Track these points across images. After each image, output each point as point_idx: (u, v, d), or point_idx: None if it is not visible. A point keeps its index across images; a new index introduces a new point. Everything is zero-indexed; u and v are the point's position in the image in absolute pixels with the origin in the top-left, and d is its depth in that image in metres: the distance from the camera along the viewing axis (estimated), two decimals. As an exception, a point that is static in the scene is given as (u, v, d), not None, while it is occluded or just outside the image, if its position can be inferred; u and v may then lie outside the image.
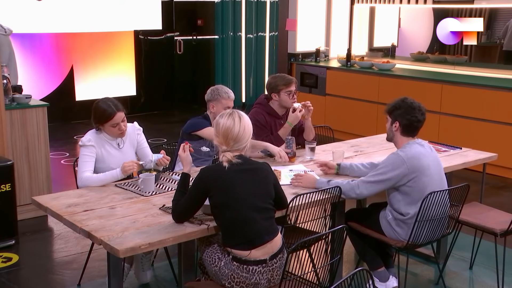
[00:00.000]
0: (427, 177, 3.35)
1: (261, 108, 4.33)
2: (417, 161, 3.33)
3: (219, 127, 2.87)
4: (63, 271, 4.12)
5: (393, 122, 3.45)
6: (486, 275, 4.12)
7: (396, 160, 3.35)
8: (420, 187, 3.35)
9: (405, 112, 3.39)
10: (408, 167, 3.32)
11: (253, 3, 10.15)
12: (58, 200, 3.23)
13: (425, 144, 3.47)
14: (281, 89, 4.27)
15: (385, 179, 3.35)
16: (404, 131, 3.43)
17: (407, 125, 3.41)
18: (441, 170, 3.52)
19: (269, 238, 2.82)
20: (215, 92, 4.01)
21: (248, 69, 10.35)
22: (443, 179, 3.51)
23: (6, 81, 4.92)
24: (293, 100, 4.30)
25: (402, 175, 3.33)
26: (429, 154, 3.42)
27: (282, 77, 4.34)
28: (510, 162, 6.20)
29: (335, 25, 8.92)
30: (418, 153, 3.36)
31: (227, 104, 3.98)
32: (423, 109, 3.44)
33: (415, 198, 3.36)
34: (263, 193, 2.87)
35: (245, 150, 2.93)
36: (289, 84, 4.27)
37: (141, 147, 3.86)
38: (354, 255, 4.31)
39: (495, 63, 9.14)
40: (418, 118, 3.39)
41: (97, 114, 3.63)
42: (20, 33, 8.01)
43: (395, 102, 3.46)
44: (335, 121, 7.68)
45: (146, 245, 2.68)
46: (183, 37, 10.01)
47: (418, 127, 3.43)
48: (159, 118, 9.34)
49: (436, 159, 3.49)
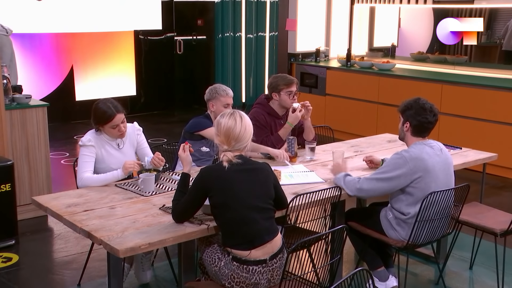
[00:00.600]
0: (431, 178, 3.33)
1: (261, 108, 4.33)
2: (421, 161, 3.31)
3: (221, 126, 2.88)
4: (63, 271, 4.12)
5: (404, 122, 3.43)
6: (486, 275, 4.12)
7: (398, 160, 3.34)
8: (423, 188, 3.33)
9: (416, 113, 3.37)
10: (410, 167, 3.31)
11: (253, 3, 10.15)
12: (58, 200, 3.23)
13: (435, 145, 3.42)
14: (281, 89, 4.27)
15: (386, 178, 3.34)
16: (414, 132, 3.41)
17: (417, 126, 3.39)
18: (450, 172, 3.48)
19: (269, 238, 2.82)
20: (214, 91, 4.03)
21: (248, 69, 10.35)
22: (450, 181, 3.48)
23: (6, 81, 4.92)
24: (293, 100, 4.31)
25: (403, 175, 3.32)
26: (436, 155, 3.38)
27: (284, 77, 4.34)
28: (510, 162, 6.20)
29: (335, 25, 8.92)
30: (424, 153, 3.34)
31: (226, 101, 4.00)
32: (436, 110, 3.41)
33: (418, 198, 3.35)
34: (263, 193, 2.87)
35: (245, 150, 2.93)
36: (290, 85, 4.28)
37: (141, 147, 3.86)
38: (354, 255, 4.31)
39: (495, 63, 9.14)
40: (429, 120, 3.37)
41: (97, 115, 3.62)
42: (20, 33, 8.01)
43: (408, 102, 3.43)
44: (335, 121, 7.68)
45: (146, 245, 2.68)
46: (183, 37, 10.01)
47: (429, 128, 3.40)
48: (159, 118, 9.34)
49: (445, 161, 3.43)
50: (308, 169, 3.84)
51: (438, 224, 3.47)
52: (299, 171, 3.79)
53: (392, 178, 3.33)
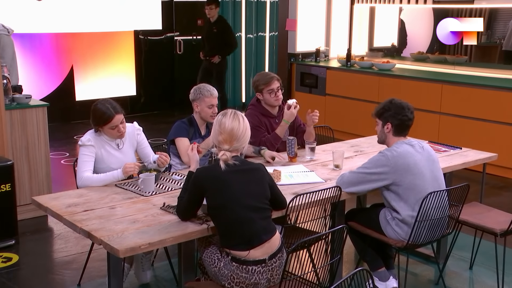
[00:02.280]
0: (414, 175, 3.38)
1: (254, 109, 4.31)
2: (403, 159, 3.38)
3: (225, 126, 2.88)
4: (63, 271, 4.12)
5: (384, 124, 3.51)
6: (486, 275, 4.12)
7: (380, 158, 3.43)
8: (407, 185, 3.38)
9: (396, 112, 3.47)
10: (392, 165, 3.37)
11: (253, 3, 10.15)
12: (58, 200, 3.23)
13: (415, 143, 3.50)
14: (262, 89, 4.22)
15: (367, 173, 3.43)
16: (396, 132, 3.50)
17: (399, 125, 3.48)
18: (435, 168, 3.52)
19: (267, 237, 2.82)
20: (198, 91, 3.99)
21: (248, 69, 10.35)
22: (438, 177, 3.51)
23: (6, 81, 4.92)
24: (276, 98, 4.24)
25: (384, 173, 3.38)
26: (417, 153, 3.45)
27: (263, 76, 4.27)
28: (510, 162, 6.20)
29: (335, 25, 8.92)
30: (405, 152, 3.41)
31: (211, 102, 3.96)
32: (411, 108, 3.53)
33: (404, 196, 3.40)
34: (259, 193, 2.88)
35: (243, 151, 2.97)
36: (269, 83, 4.20)
37: (141, 147, 3.85)
38: (354, 255, 4.31)
39: (495, 63, 9.14)
40: (409, 117, 3.48)
41: (96, 116, 3.62)
42: (20, 33, 8.00)
43: (384, 104, 3.54)
44: (335, 121, 7.68)
45: (146, 245, 2.68)
46: (183, 37, 10.01)
47: (409, 125, 3.51)
48: (159, 118, 9.33)
49: (428, 157, 3.49)
50: (308, 169, 3.84)
51: (437, 224, 3.48)
52: (299, 171, 3.79)
53: (372, 174, 3.41)
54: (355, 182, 3.45)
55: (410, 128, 3.53)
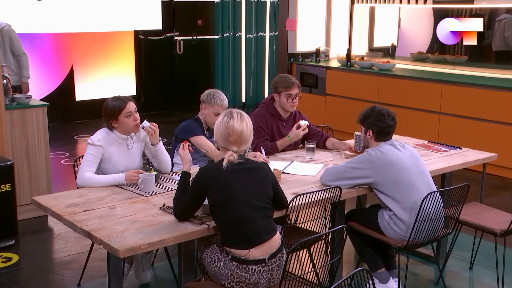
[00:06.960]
0: (398, 169, 3.45)
1: (264, 108, 4.31)
2: (385, 156, 3.48)
3: (234, 128, 2.88)
4: (63, 271, 4.12)
5: (366, 131, 3.64)
6: (486, 275, 4.12)
7: (364, 155, 3.54)
8: (393, 180, 3.44)
9: (376, 119, 3.59)
10: (375, 162, 3.46)
11: (253, 3, 10.15)
12: (58, 200, 3.23)
13: (396, 143, 3.60)
14: (281, 91, 4.23)
15: (349, 167, 3.51)
16: (377, 138, 3.61)
17: (379, 132, 3.59)
18: (420, 163, 3.59)
19: (267, 237, 2.83)
20: (211, 97, 4.00)
21: (248, 69, 10.35)
22: (423, 171, 3.58)
23: (6, 81, 4.92)
24: (292, 104, 4.25)
25: (366, 169, 3.47)
26: (399, 151, 3.54)
27: (285, 79, 4.28)
28: (510, 162, 6.20)
29: (335, 25, 8.92)
30: (388, 149, 3.52)
31: (219, 111, 3.94)
32: (392, 114, 3.63)
33: (391, 192, 3.46)
34: (261, 192, 2.88)
35: (247, 152, 2.99)
36: (290, 88, 4.22)
37: (149, 146, 3.83)
38: (354, 255, 4.31)
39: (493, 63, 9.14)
40: (389, 124, 3.58)
41: (109, 110, 3.62)
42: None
43: (366, 111, 3.67)
44: (335, 121, 7.67)
45: (146, 245, 2.68)
46: (183, 37, 10.01)
47: (390, 132, 3.61)
48: (159, 118, 9.29)
49: (411, 154, 3.58)
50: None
51: (437, 224, 3.49)
52: (302, 165, 3.90)
53: (354, 169, 3.50)
54: (337, 175, 3.52)
55: (392, 133, 3.62)
